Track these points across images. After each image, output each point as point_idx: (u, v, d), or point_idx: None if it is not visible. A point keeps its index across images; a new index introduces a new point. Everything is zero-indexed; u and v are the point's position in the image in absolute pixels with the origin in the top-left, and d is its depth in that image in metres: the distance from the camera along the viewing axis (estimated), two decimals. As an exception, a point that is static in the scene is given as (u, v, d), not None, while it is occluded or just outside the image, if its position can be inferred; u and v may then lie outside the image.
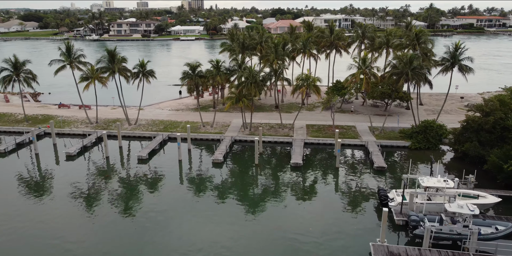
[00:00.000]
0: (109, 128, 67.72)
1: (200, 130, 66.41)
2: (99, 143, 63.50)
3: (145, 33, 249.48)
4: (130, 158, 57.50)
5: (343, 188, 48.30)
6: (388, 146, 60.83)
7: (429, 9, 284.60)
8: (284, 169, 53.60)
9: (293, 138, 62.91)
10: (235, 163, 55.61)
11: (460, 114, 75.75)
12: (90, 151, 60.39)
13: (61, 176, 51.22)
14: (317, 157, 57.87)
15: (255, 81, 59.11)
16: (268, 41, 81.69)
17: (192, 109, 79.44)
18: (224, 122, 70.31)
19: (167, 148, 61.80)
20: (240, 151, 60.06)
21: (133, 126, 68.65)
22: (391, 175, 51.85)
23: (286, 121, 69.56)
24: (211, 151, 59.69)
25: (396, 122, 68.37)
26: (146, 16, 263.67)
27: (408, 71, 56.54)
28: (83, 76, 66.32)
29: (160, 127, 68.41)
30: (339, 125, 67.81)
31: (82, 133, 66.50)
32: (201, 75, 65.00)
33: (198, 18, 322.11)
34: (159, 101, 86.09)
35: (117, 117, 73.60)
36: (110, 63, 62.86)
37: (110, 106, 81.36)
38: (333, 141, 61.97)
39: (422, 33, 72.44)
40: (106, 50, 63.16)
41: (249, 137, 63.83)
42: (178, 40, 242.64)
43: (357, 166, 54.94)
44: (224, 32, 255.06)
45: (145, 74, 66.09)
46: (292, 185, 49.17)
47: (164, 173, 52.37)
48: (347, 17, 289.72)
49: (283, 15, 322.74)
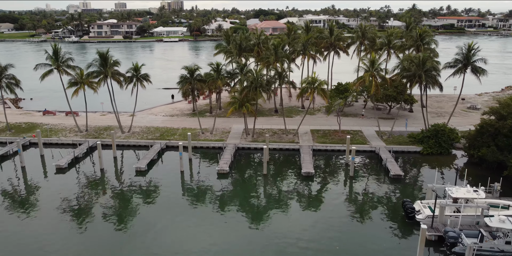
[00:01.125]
0: (101, 137, 63.00)
1: (200, 138, 62.39)
2: (91, 154, 58.78)
3: (126, 34, 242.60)
4: (127, 169, 53.08)
5: (361, 199, 45.17)
6: (398, 151, 58.13)
7: (412, 10, 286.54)
8: (295, 179, 50.19)
9: (300, 144, 59.58)
10: (241, 173, 51.87)
11: (465, 116, 74.02)
12: (82, 162, 55.64)
13: (51, 192, 46.47)
14: (328, 165, 54.67)
15: (260, 85, 55.52)
16: (266, 42, 78.35)
17: (188, 114, 75.25)
18: (223, 128, 66.45)
19: (166, 157, 57.57)
20: (245, 160, 56.35)
21: (126, 134, 64.09)
22: (409, 183, 49.03)
23: (288, 126, 66.19)
24: (215, 160, 55.79)
25: (403, 125, 65.86)
26: (128, 17, 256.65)
27: (422, 74, 53.96)
28: (71, 81, 61.44)
29: (156, 134, 64.07)
30: (345, 129, 64.88)
31: (72, 143, 61.58)
32: (200, 79, 60.98)
33: (180, 19, 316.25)
34: (151, 106, 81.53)
35: (108, 124, 68.82)
36: (102, 67, 58.22)
37: (99, 112, 76.44)
38: (342, 147, 58.97)
39: (426, 33, 70.30)
40: (98, 53, 58.48)
41: (252, 144, 60.18)
42: (161, 41, 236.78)
43: (372, 174, 51.97)
44: (208, 33, 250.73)
45: (140, 78, 61.68)
46: (305, 196, 45.81)
47: (166, 186, 48.24)
48: (331, 18, 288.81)
49: (267, 15, 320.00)
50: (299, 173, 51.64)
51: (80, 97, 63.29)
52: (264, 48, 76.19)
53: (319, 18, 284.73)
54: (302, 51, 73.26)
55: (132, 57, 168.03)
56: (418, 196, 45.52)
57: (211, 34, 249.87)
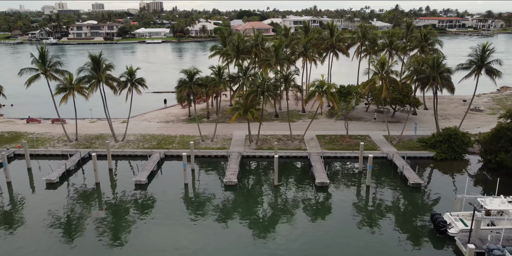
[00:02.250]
0: (93, 146, 58.33)
1: (200, 145, 58.44)
2: (84, 165, 54.15)
3: (107, 36, 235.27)
4: (125, 183, 48.69)
5: (383, 212, 42.11)
6: (410, 157, 55.48)
7: (395, 10, 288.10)
8: (309, 190, 46.85)
9: (308, 151, 56.35)
10: (250, 185, 48.22)
11: (470, 119, 72.21)
12: (74, 175, 50.98)
13: (42, 211, 41.81)
14: (340, 174, 51.55)
15: (267, 89, 52.02)
16: (263, 43, 75.01)
17: (184, 120, 71.10)
18: (224, 135, 62.65)
19: (167, 168, 53.42)
20: (253, 170, 52.72)
21: (121, 143, 59.59)
22: (430, 193, 46.29)
23: (287, 131, 62.82)
24: (220, 171, 52.00)
25: (410, 129, 63.33)
26: (108, 18, 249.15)
27: (437, 76, 51.49)
28: (60, 86, 56.64)
29: (153, 143, 59.78)
30: (351, 134, 61.98)
31: (62, 154, 56.74)
32: (200, 83, 57.06)
33: (162, 20, 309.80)
34: (143, 112, 76.95)
35: (99, 133, 64.12)
36: (95, 72, 53.66)
37: (88, 119, 71.51)
38: (352, 154, 56.07)
39: (430, 33, 68.17)
40: (90, 56, 53.84)
41: (258, 152, 56.62)
42: (144, 43, 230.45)
43: (389, 183, 49.09)
44: (192, 35, 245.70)
45: (134, 83, 57.34)
46: (322, 209, 42.54)
47: (170, 201, 44.20)
48: (315, 19, 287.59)
49: (250, 16, 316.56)
50: (312, 183, 48.36)
51: (67, 103, 58.49)
52: (262, 50, 72.85)
53: (302, 19, 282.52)
54: (303, 52, 70.07)
55: (114, 60, 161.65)
56: (441, 206, 42.75)
57: (195, 35, 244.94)
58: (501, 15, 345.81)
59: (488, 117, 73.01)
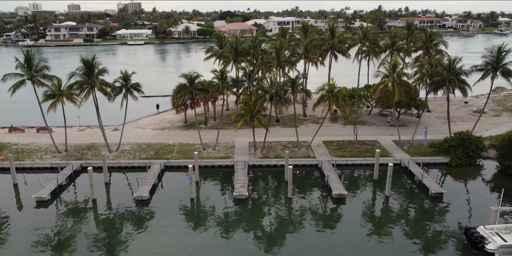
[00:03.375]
0: (85, 158, 53.73)
1: (202, 155, 54.54)
2: (77, 179, 49.56)
3: (87, 37, 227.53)
4: (125, 199, 44.42)
5: (410, 226, 39.21)
6: (424, 163, 52.90)
7: (377, 11, 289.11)
8: (325, 203, 43.64)
9: (318, 159, 53.19)
10: (262, 198, 44.62)
11: (475, 121, 70.35)
12: (67, 191, 46.39)
13: (33, 234, 37.27)
14: (356, 183, 48.49)
15: (277, 94, 48.60)
16: (261, 45, 71.69)
17: (180, 127, 66.94)
18: (226, 143, 58.89)
19: (168, 181, 49.32)
20: (262, 181, 49.16)
21: (115, 154, 55.13)
22: (454, 203, 43.61)
23: (294, 137, 59.72)
24: (227, 182, 48.28)
25: (419, 133, 60.95)
26: (88, 19, 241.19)
27: (454, 78, 49.10)
28: (47, 93, 51.88)
29: (150, 152, 55.54)
30: (359, 140, 59.14)
31: (51, 166, 51.97)
32: (201, 88, 53.17)
33: (143, 21, 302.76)
34: (135, 118, 72.27)
35: (90, 142, 59.42)
36: (88, 77, 49.14)
37: (76, 127, 66.53)
38: (364, 161, 53.24)
39: (436, 34, 66.10)
40: (82, 60, 49.30)
41: (264, 161, 53.13)
42: (126, 44, 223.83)
43: (408, 192, 46.33)
44: (175, 36, 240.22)
45: (130, 89, 53.07)
46: (343, 224, 39.39)
47: (177, 219, 40.28)
48: (298, 19, 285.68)
49: (233, 17, 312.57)
50: (328, 194, 45.18)
51: (55, 111, 53.77)
52: (261, 52, 69.46)
53: (286, 20, 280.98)
54: (304, 54, 66.94)
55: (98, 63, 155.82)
56: (469, 218, 40.19)
57: (178, 37, 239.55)
58: (480, 15, 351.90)
59: (493, 119, 71.44)
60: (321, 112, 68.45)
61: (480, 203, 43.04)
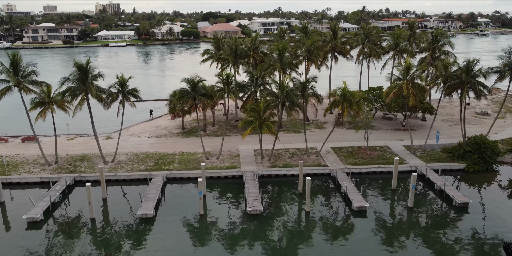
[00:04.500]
0: (78, 171, 49.31)
1: (206, 165, 50.75)
2: (71, 195, 45.17)
3: (67, 39, 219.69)
4: (128, 217, 40.37)
5: (440, 241, 36.42)
6: (439, 170, 50.47)
7: (361, 12, 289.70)
8: (346, 216, 40.59)
9: (330, 168, 50.18)
10: (277, 213, 41.18)
11: (482, 124, 68.67)
12: (61, 209, 41.99)
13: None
14: (374, 194, 45.59)
15: (288, 100, 45.32)
16: (261, 46, 68.40)
17: (177, 134, 62.94)
18: (229, 151, 55.30)
19: (172, 195, 45.38)
20: (274, 192, 45.76)
21: (111, 165, 50.87)
22: (482, 214, 41.15)
23: (299, 144, 56.74)
24: (237, 195, 44.74)
25: (427, 137, 58.64)
26: (68, 20, 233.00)
27: (473, 81, 46.84)
28: (36, 100, 47.35)
29: (149, 163, 51.49)
30: (370, 146, 56.41)
31: (41, 181, 47.41)
32: (204, 94, 49.47)
33: (124, 22, 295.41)
34: (127, 125, 67.69)
35: (82, 153, 54.92)
36: (82, 83, 44.84)
37: (65, 136, 61.82)
38: (378, 169, 50.53)
39: (442, 34, 64.07)
40: (75, 65, 44.95)
41: (274, 170, 49.80)
42: (107, 46, 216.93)
43: (430, 203, 43.68)
44: (158, 37, 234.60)
45: (127, 95, 48.98)
46: (369, 240, 36.38)
47: (188, 239, 36.59)
48: (283, 20, 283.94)
49: (216, 18, 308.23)
50: (347, 207, 42.16)
51: (44, 120, 49.20)
52: (262, 54, 66.16)
53: (271, 21, 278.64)
54: (307, 56, 63.92)
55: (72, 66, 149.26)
56: (503, 231, 37.73)
57: (161, 38, 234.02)
58: (460, 16, 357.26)
59: (499, 122, 69.66)
60: (324, 116, 65.66)
61: (509, 213, 40.71)
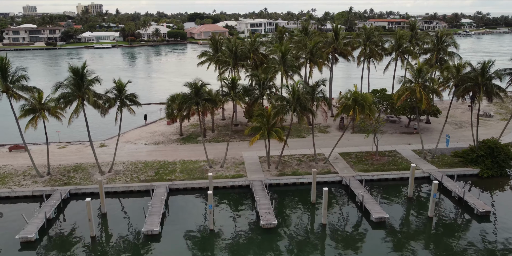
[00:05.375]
0: (73, 182, 45.81)
1: (209, 174, 47.82)
2: (66, 210, 41.71)
3: (49, 40, 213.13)
4: (131, 234, 37.19)
5: (469, 253, 34.41)
6: (452, 176, 48.62)
7: (348, 13, 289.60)
8: (364, 228, 38.24)
9: (341, 175, 47.84)
10: (292, 227, 38.54)
11: (487, 126, 67.43)
12: (57, 227, 38.53)
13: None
14: (390, 202, 43.37)
15: (300, 104, 42.77)
16: (260, 48, 65.86)
17: (176, 140, 59.79)
18: (233, 158, 52.49)
19: (177, 208, 42.29)
20: (285, 204, 43.08)
21: (108, 175, 47.51)
22: (504, 222, 39.30)
23: (304, 149, 54.41)
24: (246, 207, 41.98)
25: (430, 141, 57.04)
26: (50, 21, 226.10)
27: (490, 83, 45.15)
28: (25, 107, 43.76)
29: (149, 173, 48.30)
30: (378, 150, 54.32)
31: (32, 195, 43.81)
32: (208, 99, 46.59)
33: (109, 23, 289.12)
34: (122, 131, 63.94)
35: (76, 162, 51.35)
36: (77, 88, 41.45)
37: (55, 144, 58.02)
38: (391, 175, 48.42)
39: (447, 35, 62.53)
40: (71, 69, 41.49)
41: (283, 179, 47.22)
42: (92, 48, 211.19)
43: (450, 211, 41.65)
44: (144, 39, 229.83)
45: (124, 101, 45.76)
46: (392, 255, 34.06)
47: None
48: (270, 21, 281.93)
49: (203, 19, 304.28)
50: (365, 218, 39.82)
51: (34, 128, 45.59)
52: (262, 56, 63.60)
53: (258, 22, 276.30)
54: (310, 58, 61.61)
55: (55, 68, 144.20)
56: (531, 241, 35.93)
57: (148, 39, 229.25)
58: (445, 17, 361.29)
59: (503, 124, 68.59)
60: (334, 120, 63.47)
61: (533, 221, 39.00)
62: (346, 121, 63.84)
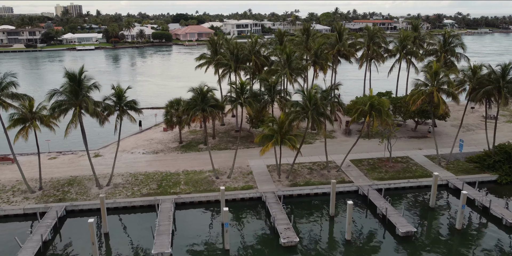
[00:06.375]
0: (68, 198, 41.89)
1: (217, 185, 44.65)
2: (63, 229, 37.85)
3: (29, 42, 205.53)
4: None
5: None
6: (470, 183, 46.49)
7: (334, 14, 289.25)
8: (391, 244, 35.62)
9: (357, 184, 45.21)
10: (314, 244, 35.62)
11: (493, 129, 65.89)
12: (56, 251, 34.68)
13: None
14: (412, 214, 40.88)
15: (318, 111, 39.91)
16: (260, 50, 62.91)
17: (176, 148, 56.24)
18: (239, 167, 49.33)
19: (185, 224, 38.90)
20: (303, 218, 40.11)
21: (107, 189, 43.75)
22: (536, 233, 37.29)
23: (314, 157, 51.75)
24: (261, 222, 38.89)
25: (439, 145, 54.98)
26: (30, 22, 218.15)
27: (511, 86, 43.26)
28: (15, 117, 39.73)
29: (152, 185, 44.72)
30: (388, 156, 51.96)
31: (24, 213, 39.76)
32: (215, 105, 43.35)
33: (90, 24, 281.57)
34: (115, 139, 60.07)
35: (70, 175, 47.34)
36: (75, 96, 37.66)
37: (45, 154, 53.75)
38: (408, 184, 46.03)
39: (456, 36, 60.75)
40: (67, 75, 37.63)
41: (296, 189, 44.29)
42: (74, 50, 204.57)
43: (476, 223, 39.39)
44: (128, 40, 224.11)
45: (124, 109, 42.15)
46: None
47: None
48: (256, 22, 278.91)
49: (187, 20, 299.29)
50: (389, 231, 37.21)
51: (24, 138, 41.56)
52: (264, 59, 60.64)
53: (244, 22, 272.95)
54: (314, 60, 58.94)
55: (35, 72, 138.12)
56: None
57: (132, 41, 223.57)
58: (428, 17, 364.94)
59: (509, 126, 67.41)
60: (348, 126, 60.81)
61: None
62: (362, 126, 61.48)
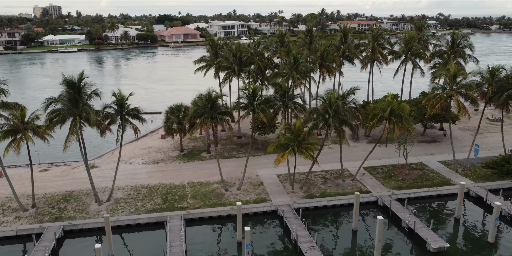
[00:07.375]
0: (65, 217, 38.06)
1: (227, 199, 41.45)
2: (61, 253, 34.07)
3: (8, 44, 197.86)
4: (149, 282, 30.31)
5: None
6: (491, 190, 44.43)
7: (321, 14, 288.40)
8: (423, 260, 33.09)
9: (374, 194, 42.61)
10: (341, 261, 32.88)
11: (500, 132, 64.50)
12: (54, 277, 31.07)
13: None
14: (439, 227, 38.45)
15: (338, 118, 37.10)
16: (264, 52, 60.02)
17: (177, 157, 52.73)
18: (248, 178, 46.16)
19: (197, 243, 35.54)
20: (326, 234, 37.22)
21: (107, 205, 40.05)
22: None
23: (325, 165, 49.09)
24: (279, 238, 35.86)
25: (470, 152, 52.97)
26: (9, 23, 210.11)
27: (536, 90, 41.34)
28: (4, 128, 35.78)
29: (156, 200, 41.20)
30: (403, 163, 49.61)
31: (16, 235, 35.79)
32: (224, 112, 40.13)
33: (72, 25, 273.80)
34: (111, 148, 56.56)
35: (65, 190, 43.42)
36: (75, 105, 33.94)
37: (35, 166, 49.51)
38: (428, 193, 43.67)
39: (463, 37, 58.92)
40: (65, 81, 33.85)
41: (312, 202, 41.39)
42: (56, 52, 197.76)
43: (509, 235, 37.19)
44: (112, 42, 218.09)
45: (126, 117, 38.59)
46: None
47: None
48: (243, 23, 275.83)
49: (172, 21, 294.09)
50: (419, 247, 34.66)
51: (14, 151, 37.58)
52: (268, 62, 57.71)
53: (231, 24, 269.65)
54: (321, 63, 56.29)
55: (15, 75, 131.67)
56: None
57: (116, 42, 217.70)
58: (412, 18, 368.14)
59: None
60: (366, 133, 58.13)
61: None
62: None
